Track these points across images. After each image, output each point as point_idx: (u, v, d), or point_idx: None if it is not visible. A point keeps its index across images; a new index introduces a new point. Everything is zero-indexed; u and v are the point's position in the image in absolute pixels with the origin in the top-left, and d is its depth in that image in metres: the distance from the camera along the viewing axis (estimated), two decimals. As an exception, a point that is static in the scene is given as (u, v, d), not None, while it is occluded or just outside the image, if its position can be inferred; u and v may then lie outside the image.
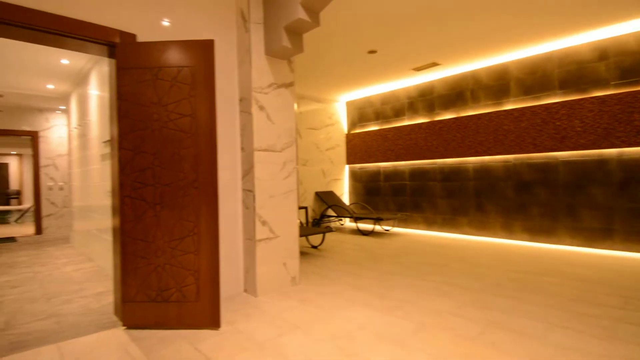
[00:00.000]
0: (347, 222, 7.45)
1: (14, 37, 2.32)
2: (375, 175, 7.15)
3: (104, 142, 3.97)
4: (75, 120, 5.66)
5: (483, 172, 5.52)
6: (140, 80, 2.39)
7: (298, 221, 3.37)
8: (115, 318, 2.61)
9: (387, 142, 6.82)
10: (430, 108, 6.21)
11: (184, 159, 2.39)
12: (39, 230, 6.84)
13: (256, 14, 3.05)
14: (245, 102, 3.10)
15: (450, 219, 5.94)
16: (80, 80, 5.14)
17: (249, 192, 3.09)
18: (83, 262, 4.56)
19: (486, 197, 5.48)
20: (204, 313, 2.37)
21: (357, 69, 5.54)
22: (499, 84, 5.34)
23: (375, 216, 5.97)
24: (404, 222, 6.61)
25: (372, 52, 4.74)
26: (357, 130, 7.51)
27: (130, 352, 2.08)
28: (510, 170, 5.22)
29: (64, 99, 6.16)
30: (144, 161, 2.39)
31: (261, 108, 3.08)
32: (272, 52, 3.07)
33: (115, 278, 2.57)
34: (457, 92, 5.84)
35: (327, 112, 7.40)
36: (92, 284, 3.54)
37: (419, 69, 5.53)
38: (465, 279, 3.36)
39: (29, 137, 6.96)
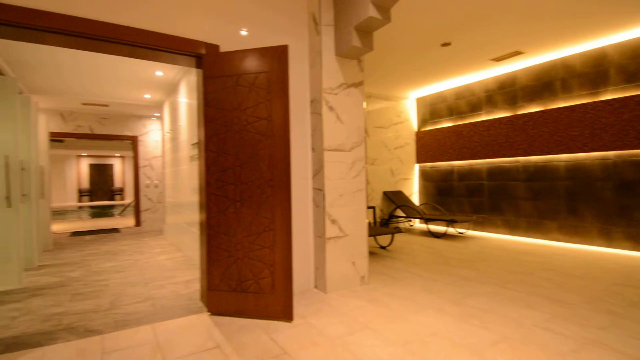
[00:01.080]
0: (417, 224, 7.21)
1: (121, 54, 2.69)
2: (448, 174, 6.80)
3: (192, 144, 4.39)
4: (167, 125, 6.35)
5: (576, 170, 4.91)
6: (223, 87, 2.59)
7: (367, 221, 3.36)
8: (201, 304, 2.88)
9: (461, 139, 6.45)
10: (512, 101, 5.71)
11: (261, 159, 2.54)
12: (138, 222, 7.81)
13: (327, 16, 3.11)
14: (315, 104, 3.19)
15: (535, 222, 5.40)
16: (171, 89, 5.76)
17: (319, 191, 3.17)
18: (174, 252, 5.10)
19: (580, 199, 4.87)
20: (279, 305, 2.49)
21: (429, 64, 5.32)
22: (595, 71, 4.71)
23: (448, 218, 5.69)
24: (481, 225, 6.18)
25: (445, 44, 4.52)
26: (428, 128, 7.22)
27: (214, 337, 2.27)
28: (609, 169, 4.57)
29: (158, 107, 6.95)
30: (226, 162, 2.60)
31: (331, 109, 3.14)
32: (342, 52, 3.10)
33: (202, 267, 2.83)
34: (544, 83, 5.28)
35: (395, 109, 7.24)
36: (182, 272, 3.95)
37: (499, 59, 5.12)
38: (555, 290, 3.03)
39: (130, 141, 7.99)
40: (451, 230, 6.40)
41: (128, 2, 2.46)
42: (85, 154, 17.31)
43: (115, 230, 7.65)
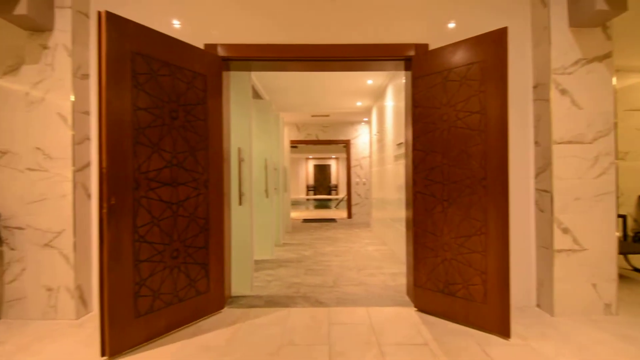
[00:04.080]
0: None
1: (341, 69, 3.11)
2: None
3: (397, 144, 4.60)
4: (375, 128, 6.89)
5: None
6: (432, 85, 2.59)
7: (617, 234, 2.59)
8: (407, 298, 2.98)
9: None
10: None
11: (472, 156, 2.38)
12: (349, 215, 8.85)
13: (558, -17, 2.59)
14: (541, 88, 2.71)
15: None
16: (379, 95, 6.20)
17: (544, 192, 2.69)
18: (380, 245, 5.49)
19: None
20: (492, 317, 2.27)
21: None
22: None
23: None
24: None
25: None
26: None
27: (422, 334, 2.31)
28: None
29: (367, 112, 7.63)
30: (433, 160, 2.58)
31: (563, 92, 2.59)
32: (580, 21, 2.51)
33: (408, 263, 2.93)
34: None
35: (668, 83, 5.22)
36: (388, 264, 4.20)
37: None
38: None
39: (343, 144, 9.14)
40: None
41: (345, 23, 2.81)
42: (311, 157, 21.01)
43: (333, 220, 8.93)
